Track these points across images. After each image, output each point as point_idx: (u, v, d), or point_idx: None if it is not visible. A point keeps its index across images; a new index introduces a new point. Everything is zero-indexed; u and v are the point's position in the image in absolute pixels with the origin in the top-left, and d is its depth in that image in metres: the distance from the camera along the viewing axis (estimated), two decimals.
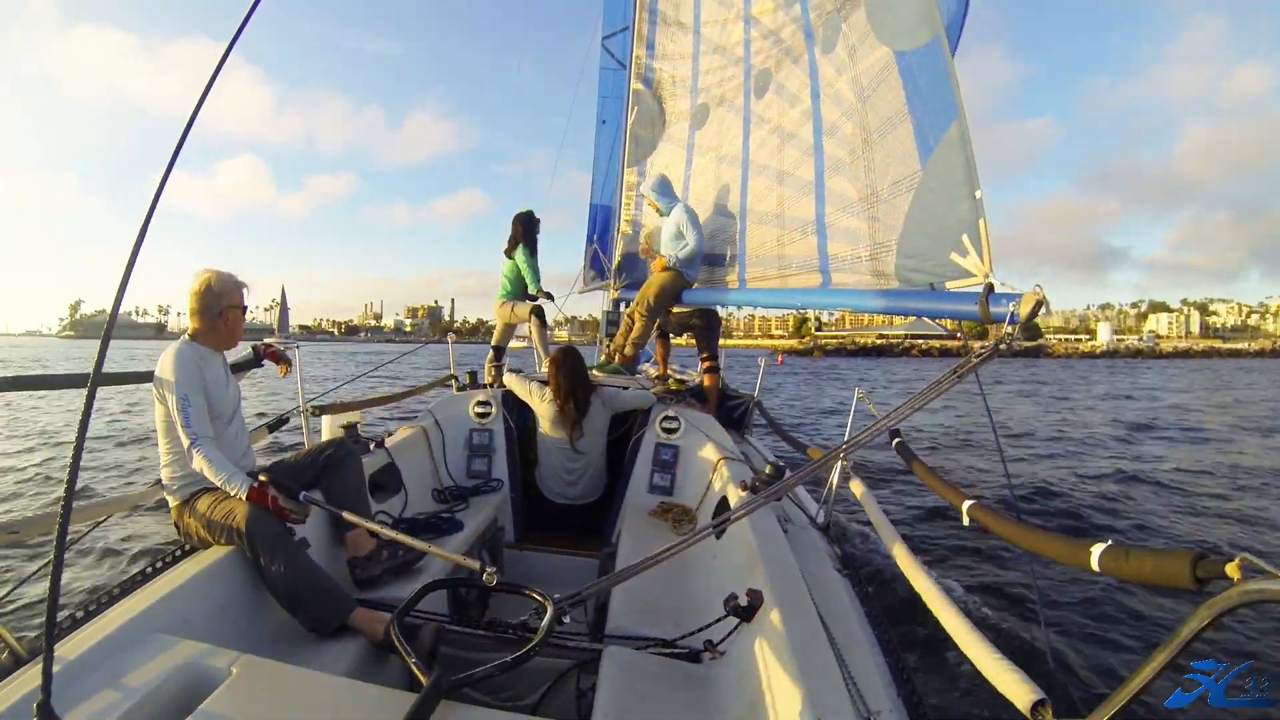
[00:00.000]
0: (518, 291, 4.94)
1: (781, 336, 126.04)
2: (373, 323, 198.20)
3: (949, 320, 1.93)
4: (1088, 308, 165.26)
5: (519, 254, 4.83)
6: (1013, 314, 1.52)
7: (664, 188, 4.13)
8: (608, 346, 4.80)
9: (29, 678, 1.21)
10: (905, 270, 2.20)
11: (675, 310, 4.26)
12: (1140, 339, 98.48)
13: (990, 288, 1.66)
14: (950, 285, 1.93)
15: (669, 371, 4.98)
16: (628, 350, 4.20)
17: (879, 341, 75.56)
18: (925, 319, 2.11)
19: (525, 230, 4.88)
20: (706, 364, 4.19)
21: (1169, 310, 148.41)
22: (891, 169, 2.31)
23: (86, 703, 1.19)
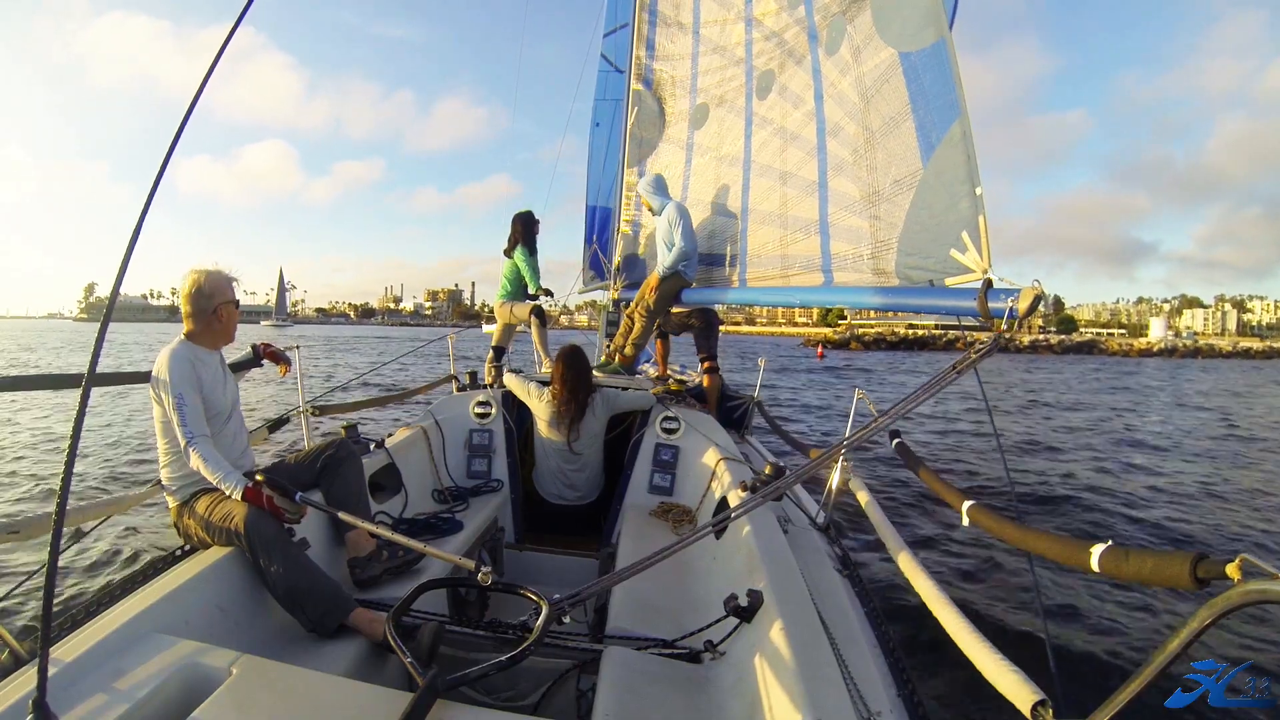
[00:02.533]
0: (517, 291, 4.94)
1: (806, 324, 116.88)
2: (391, 306, 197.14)
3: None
4: (1118, 301, 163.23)
5: (518, 254, 4.84)
6: (1011, 309, 1.51)
7: (658, 186, 4.13)
8: (608, 346, 4.79)
9: (28, 678, 1.20)
10: (905, 268, 2.20)
11: (674, 310, 4.26)
12: (1178, 335, 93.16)
13: (989, 283, 1.65)
14: (950, 282, 1.92)
15: (669, 372, 4.98)
16: (628, 351, 4.20)
17: (920, 333, 66.03)
18: None
19: (524, 230, 4.89)
20: (706, 365, 4.19)
21: (1203, 306, 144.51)
22: (893, 168, 2.31)
23: (86, 703, 1.19)
